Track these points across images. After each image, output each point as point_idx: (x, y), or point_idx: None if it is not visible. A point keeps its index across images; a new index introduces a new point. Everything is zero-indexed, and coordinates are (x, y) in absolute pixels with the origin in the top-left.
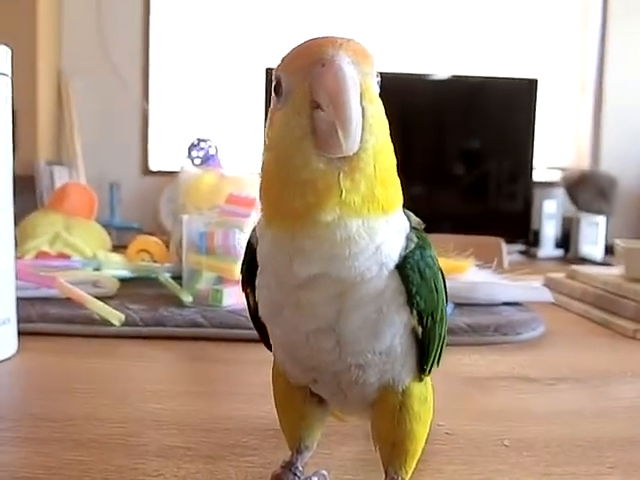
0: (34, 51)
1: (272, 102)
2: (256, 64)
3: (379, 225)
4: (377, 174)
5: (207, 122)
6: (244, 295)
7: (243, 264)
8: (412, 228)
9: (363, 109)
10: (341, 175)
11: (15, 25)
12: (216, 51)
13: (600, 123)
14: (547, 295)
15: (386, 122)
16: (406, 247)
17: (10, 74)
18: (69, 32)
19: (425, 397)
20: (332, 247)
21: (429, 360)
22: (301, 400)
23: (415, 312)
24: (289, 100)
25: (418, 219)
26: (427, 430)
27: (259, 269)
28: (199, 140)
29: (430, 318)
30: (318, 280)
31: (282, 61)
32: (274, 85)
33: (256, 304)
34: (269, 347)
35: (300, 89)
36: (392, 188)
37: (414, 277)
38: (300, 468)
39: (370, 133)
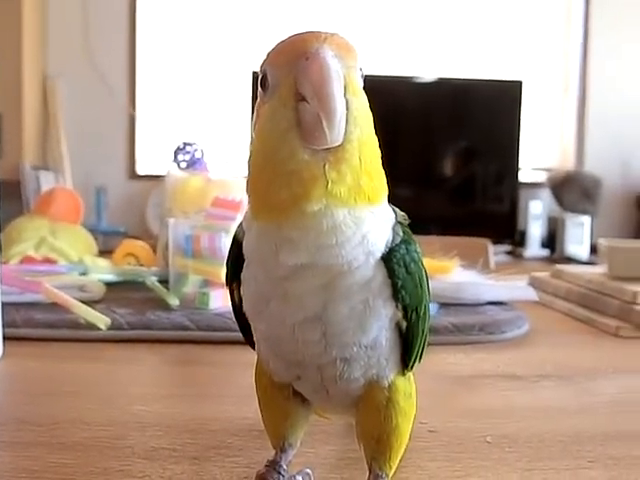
0: (19, 55)
1: (259, 96)
2: (242, 68)
3: (365, 215)
4: (362, 165)
5: (193, 126)
6: (229, 291)
7: (229, 258)
8: (397, 222)
9: (347, 101)
10: (327, 166)
11: (0, 29)
12: (202, 55)
13: (584, 124)
14: (532, 294)
15: (370, 115)
16: (392, 239)
17: None
18: (55, 36)
19: (409, 393)
20: (318, 236)
21: (412, 355)
22: (284, 398)
23: (400, 306)
24: (275, 93)
25: (403, 213)
26: (411, 426)
27: (245, 262)
28: (185, 144)
29: (414, 313)
30: (305, 270)
31: (267, 56)
32: (260, 79)
33: (241, 300)
34: (253, 345)
35: (285, 82)
36: (377, 179)
37: (400, 271)
38: (284, 467)
39: (354, 125)
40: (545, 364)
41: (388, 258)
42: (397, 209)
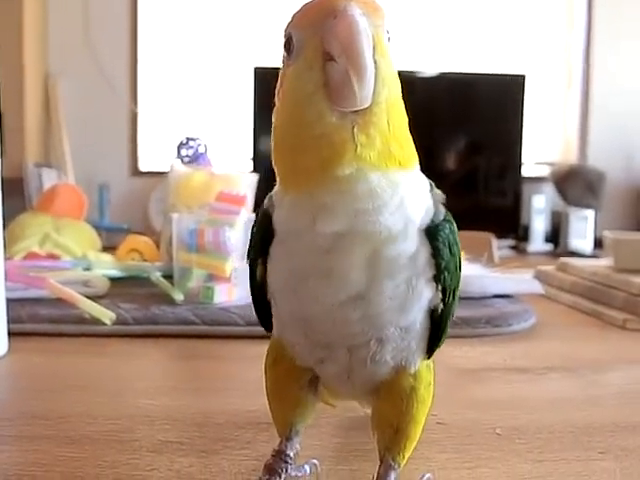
0: (21, 53)
1: (283, 61)
2: (245, 63)
3: (399, 179)
4: (391, 129)
5: (196, 122)
6: (249, 268)
7: (257, 233)
8: (434, 192)
9: (375, 62)
10: (355, 129)
11: (2, 27)
12: (204, 51)
13: (587, 118)
14: (538, 287)
15: (397, 78)
16: (435, 212)
17: None
18: (55, 34)
19: (429, 382)
20: (354, 201)
21: (442, 340)
22: (299, 387)
23: (440, 288)
24: (300, 55)
25: (439, 191)
26: (426, 416)
27: (276, 238)
28: (188, 139)
29: (452, 296)
30: (345, 239)
31: (292, 18)
32: (284, 43)
33: (263, 278)
34: (268, 328)
35: (312, 43)
36: (407, 144)
37: (444, 251)
38: (291, 455)
39: (383, 86)
40: (552, 356)
41: (434, 237)
42: (432, 183)
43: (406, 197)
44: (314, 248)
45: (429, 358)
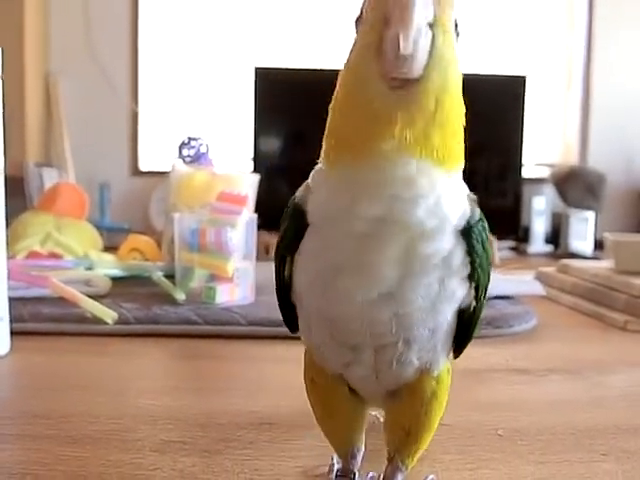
0: (22, 52)
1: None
2: (245, 63)
3: (438, 175)
4: (437, 118)
5: (197, 121)
6: (277, 266)
7: (288, 227)
8: (471, 199)
9: (433, 35)
10: (400, 104)
11: (3, 26)
12: (205, 50)
13: (587, 120)
14: (539, 288)
15: (458, 66)
16: (471, 214)
17: (1, 73)
18: (57, 33)
19: (447, 385)
20: (393, 184)
21: (469, 341)
22: (345, 399)
23: (474, 286)
24: (363, 24)
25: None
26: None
27: (309, 230)
28: (190, 139)
29: (483, 294)
30: (381, 227)
31: None
32: (356, 18)
33: (289, 278)
34: (294, 329)
35: (376, 7)
36: (452, 139)
37: (478, 247)
38: (357, 473)
39: (436, 62)
40: (554, 358)
41: (468, 234)
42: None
43: (443, 197)
44: (350, 235)
45: (456, 358)
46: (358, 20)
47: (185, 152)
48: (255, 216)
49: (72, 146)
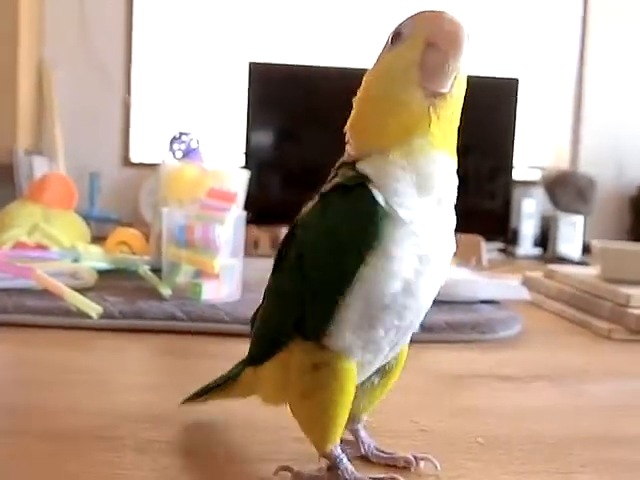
0: (15, 39)
1: (383, 49)
2: (239, 58)
3: (452, 166)
4: (452, 122)
5: (189, 114)
6: (337, 265)
7: (363, 222)
8: None
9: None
10: (431, 108)
11: None
12: (199, 44)
13: (579, 124)
14: (524, 293)
15: (465, 86)
16: None
17: None
18: (51, 20)
19: None
20: (443, 173)
21: None
22: (354, 383)
23: None
24: (404, 41)
25: None
26: None
27: (393, 224)
28: (181, 133)
29: None
30: (439, 214)
31: (406, 19)
32: (393, 35)
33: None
34: (319, 329)
35: (418, 32)
36: (454, 141)
37: None
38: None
39: (458, 83)
40: (537, 365)
41: None
42: None
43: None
44: (432, 226)
45: None
46: (396, 37)
47: (176, 147)
48: (244, 213)
49: (63, 134)
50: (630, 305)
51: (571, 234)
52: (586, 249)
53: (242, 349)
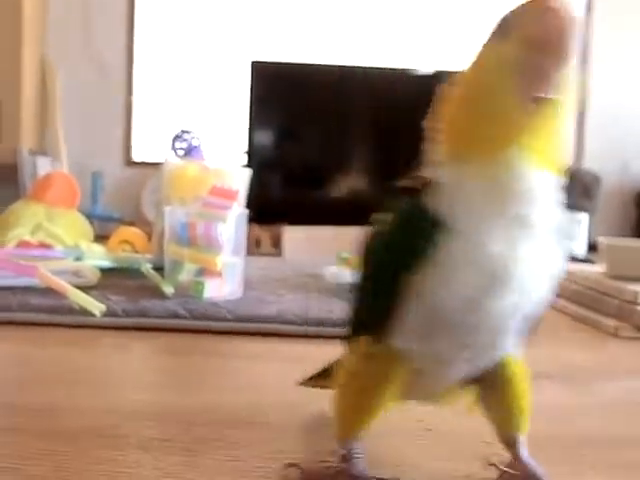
0: (19, 39)
1: (488, 39)
2: (242, 57)
3: (552, 184)
4: (555, 132)
5: (191, 114)
6: (391, 275)
7: (419, 234)
8: None
9: None
10: (529, 116)
11: (0, 10)
12: (202, 43)
13: (583, 122)
14: None
15: (570, 99)
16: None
17: None
18: (54, 21)
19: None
20: (532, 186)
21: None
22: (386, 386)
23: None
24: (509, 36)
25: None
26: None
27: (450, 236)
28: (183, 132)
29: None
30: (526, 229)
31: (515, 8)
32: (498, 25)
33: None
34: (375, 330)
35: (521, 24)
36: (558, 154)
37: None
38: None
39: (565, 87)
40: (543, 363)
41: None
42: None
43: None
44: (506, 241)
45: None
46: (499, 32)
47: (178, 145)
48: (246, 211)
49: (66, 134)
50: (638, 302)
51: (576, 232)
52: (591, 247)
53: (245, 347)
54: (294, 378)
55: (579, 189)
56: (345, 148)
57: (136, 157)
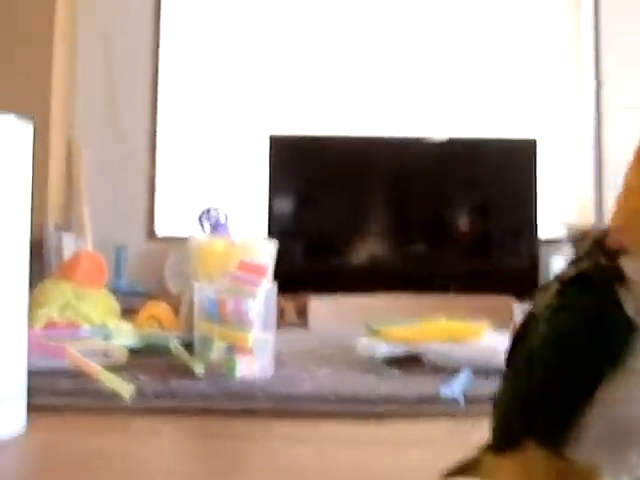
0: (48, 117)
1: None
2: (260, 132)
3: None
4: None
5: (212, 188)
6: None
7: (610, 337)
8: None
9: None
10: None
11: (31, 91)
12: (221, 120)
13: (601, 178)
14: None
15: None
16: None
17: (32, 149)
18: (81, 99)
19: None
20: None
21: None
22: None
23: None
24: None
25: None
26: None
27: None
28: (209, 209)
29: None
30: None
31: None
32: None
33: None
34: (554, 437)
35: None
36: None
37: None
38: None
39: None
40: None
41: None
42: None
43: None
44: None
45: None
46: None
47: (205, 221)
48: (275, 286)
49: (91, 209)
50: None
51: None
52: None
53: (281, 428)
54: (335, 460)
55: None
56: (363, 214)
57: (159, 231)
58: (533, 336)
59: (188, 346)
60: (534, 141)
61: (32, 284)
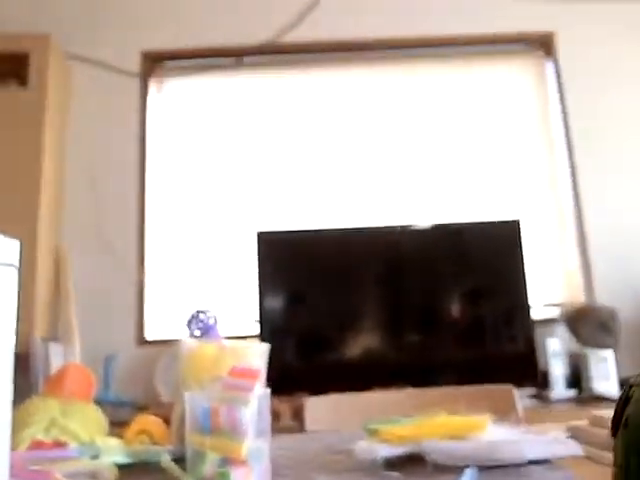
0: (34, 232)
1: None
2: (247, 230)
3: None
4: None
5: (201, 289)
6: None
7: None
8: None
9: None
10: None
11: (18, 209)
12: (207, 221)
13: (587, 256)
14: (575, 448)
15: None
16: None
17: (18, 266)
18: (68, 213)
19: None
20: None
21: None
22: None
23: None
24: None
25: None
26: None
27: None
28: (198, 312)
29: None
30: None
31: None
32: None
33: None
34: None
35: None
36: None
37: None
38: None
39: None
40: None
41: None
42: None
43: None
44: None
45: None
46: None
47: (194, 326)
48: (268, 390)
49: (78, 319)
50: None
51: (604, 370)
52: (624, 384)
53: None
54: None
55: (597, 324)
56: (354, 307)
57: (149, 336)
58: (631, 402)
59: (180, 460)
60: (517, 222)
61: (18, 399)
